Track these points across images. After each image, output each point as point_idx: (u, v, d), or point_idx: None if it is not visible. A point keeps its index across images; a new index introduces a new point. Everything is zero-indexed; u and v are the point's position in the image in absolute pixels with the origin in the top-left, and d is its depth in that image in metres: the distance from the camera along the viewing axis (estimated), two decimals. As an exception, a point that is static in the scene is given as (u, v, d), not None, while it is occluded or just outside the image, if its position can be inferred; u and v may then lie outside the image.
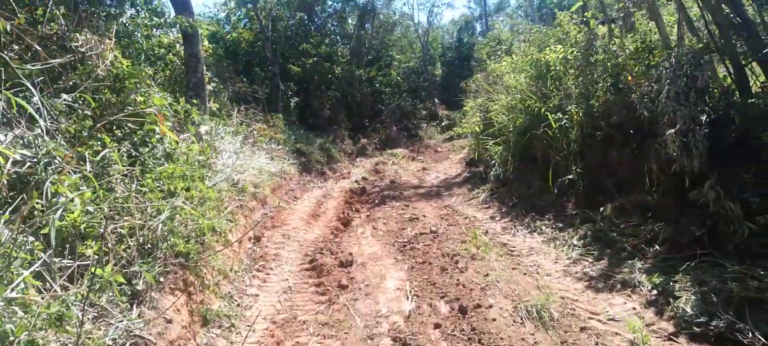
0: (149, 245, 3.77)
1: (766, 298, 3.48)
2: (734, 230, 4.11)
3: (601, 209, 5.88)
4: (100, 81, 5.32)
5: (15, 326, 2.36)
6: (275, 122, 13.54)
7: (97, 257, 3.34)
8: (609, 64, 6.44)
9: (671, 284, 4.03)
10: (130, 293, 3.41)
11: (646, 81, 5.12)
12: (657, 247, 4.65)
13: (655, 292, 4.07)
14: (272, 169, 10.31)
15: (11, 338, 2.34)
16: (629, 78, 6.18)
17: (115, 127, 4.67)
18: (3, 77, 3.84)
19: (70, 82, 4.95)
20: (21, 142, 3.62)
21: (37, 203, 3.12)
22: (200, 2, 51.90)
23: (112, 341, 2.88)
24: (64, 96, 4.65)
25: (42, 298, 2.64)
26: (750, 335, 3.21)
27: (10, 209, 3.09)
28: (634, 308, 4.02)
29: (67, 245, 3.27)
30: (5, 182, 3.31)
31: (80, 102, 4.67)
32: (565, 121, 6.97)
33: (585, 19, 7.13)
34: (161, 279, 3.74)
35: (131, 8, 8.84)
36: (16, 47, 4.65)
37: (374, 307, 4.49)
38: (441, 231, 6.91)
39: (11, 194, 3.37)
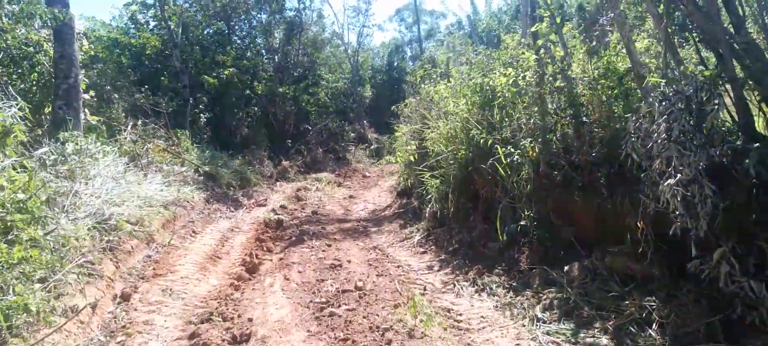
0: None
1: None
2: (761, 320, 3.08)
3: (566, 268, 4.80)
4: None
5: None
6: (180, 140, 11.76)
7: None
8: (572, 92, 5.47)
9: (685, 394, 2.93)
10: None
11: (632, 116, 4.09)
12: (650, 332, 3.56)
13: (663, 405, 2.96)
14: (168, 196, 8.60)
15: None
16: (595, 112, 5.23)
17: None
18: None
19: None
20: None
21: None
22: (108, 7, 47.93)
23: None
24: None
25: None
26: None
27: None
28: None
29: None
30: None
31: None
32: (516, 156, 5.91)
33: (546, 43, 6.15)
34: None
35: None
36: None
37: None
38: (369, 287, 5.58)
39: None
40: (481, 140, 6.60)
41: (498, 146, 6.18)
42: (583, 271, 4.58)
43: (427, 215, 8.20)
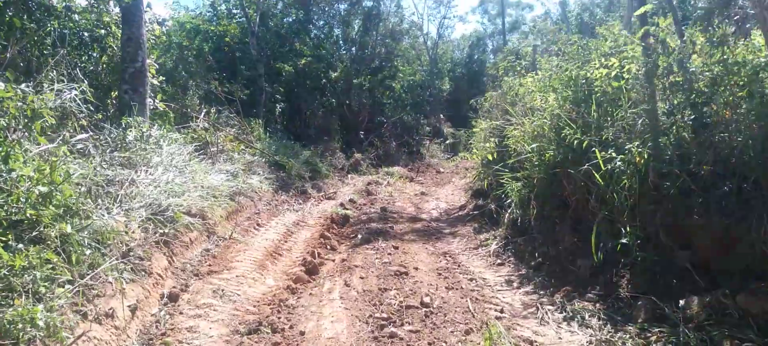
0: None
1: None
2: None
3: (681, 302, 3.90)
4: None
5: None
6: (252, 129, 11.60)
7: None
8: (692, 88, 4.51)
9: None
10: None
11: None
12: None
13: None
14: (234, 186, 8.36)
15: None
16: (726, 112, 4.25)
17: None
18: None
19: None
20: None
21: None
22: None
23: None
24: None
25: None
26: None
27: None
28: None
29: None
30: None
31: None
32: (618, 162, 5.00)
33: (655, 32, 5.15)
34: None
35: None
36: None
37: None
38: (436, 303, 4.91)
39: None
40: (575, 141, 5.72)
41: (596, 149, 5.29)
42: (706, 308, 3.66)
43: (505, 220, 7.39)
